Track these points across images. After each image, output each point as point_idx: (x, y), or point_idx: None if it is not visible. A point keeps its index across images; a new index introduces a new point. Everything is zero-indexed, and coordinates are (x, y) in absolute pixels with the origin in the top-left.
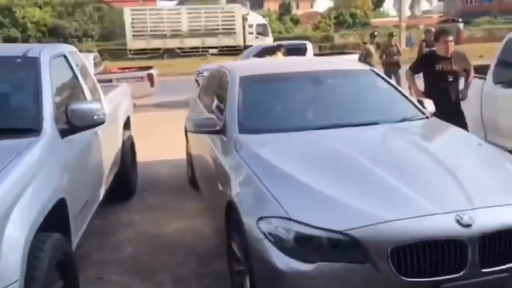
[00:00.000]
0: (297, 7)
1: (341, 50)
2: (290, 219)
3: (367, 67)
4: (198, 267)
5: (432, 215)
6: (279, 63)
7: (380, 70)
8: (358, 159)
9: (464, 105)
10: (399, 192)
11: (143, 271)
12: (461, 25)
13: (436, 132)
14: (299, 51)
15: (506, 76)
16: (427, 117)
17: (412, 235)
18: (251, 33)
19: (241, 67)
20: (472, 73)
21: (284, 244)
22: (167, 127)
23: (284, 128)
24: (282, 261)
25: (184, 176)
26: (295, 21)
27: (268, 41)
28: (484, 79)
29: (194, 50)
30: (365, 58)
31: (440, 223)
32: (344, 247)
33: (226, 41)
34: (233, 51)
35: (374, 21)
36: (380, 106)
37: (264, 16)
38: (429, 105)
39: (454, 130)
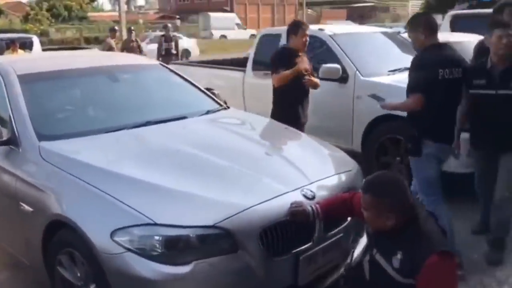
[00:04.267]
0: None
1: (75, 45)
2: (155, 224)
3: (155, 62)
4: None
5: (284, 194)
6: (59, 58)
7: None
8: (194, 152)
9: (227, 96)
10: (249, 178)
11: None
12: (178, 22)
13: (246, 120)
14: (25, 45)
15: (261, 68)
16: (225, 108)
17: (274, 215)
18: None
19: (15, 64)
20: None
21: (151, 252)
22: None
23: (93, 130)
24: (153, 270)
25: None
26: None
27: None
28: (244, 71)
29: None
30: None
31: (292, 200)
32: (215, 241)
33: None
34: None
35: (92, 15)
36: (182, 100)
37: None
38: (219, 96)
39: (258, 118)
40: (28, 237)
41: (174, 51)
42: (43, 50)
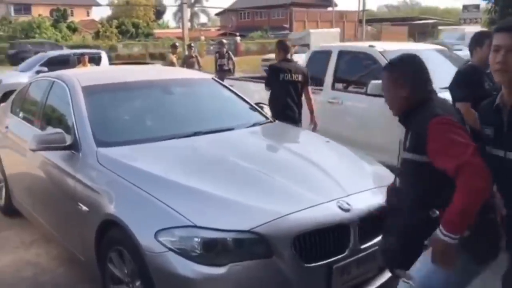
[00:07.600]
0: (72, 14)
1: (140, 60)
2: (195, 226)
3: (208, 76)
4: None
5: (320, 205)
6: (118, 71)
7: None
8: (236, 161)
9: None
10: (286, 188)
11: None
12: (238, 39)
13: (289, 134)
14: (93, 60)
15: (311, 83)
16: (271, 121)
17: (309, 224)
18: None
19: (80, 76)
20: None
21: (191, 252)
22: None
23: (146, 139)
24: (191, 269)
25: None
26: (73, 29)
27: None
28: None
29: None
30: None
31: (327, 211)
32: (250, 245)
33: None
34: None
35: (157, 32)
36: (230, 113)
37: (35, 23)
38: (268, 111)
39: (302, 131)
40: (83, 235)
41: (226, 67)
42: (110, 64)
